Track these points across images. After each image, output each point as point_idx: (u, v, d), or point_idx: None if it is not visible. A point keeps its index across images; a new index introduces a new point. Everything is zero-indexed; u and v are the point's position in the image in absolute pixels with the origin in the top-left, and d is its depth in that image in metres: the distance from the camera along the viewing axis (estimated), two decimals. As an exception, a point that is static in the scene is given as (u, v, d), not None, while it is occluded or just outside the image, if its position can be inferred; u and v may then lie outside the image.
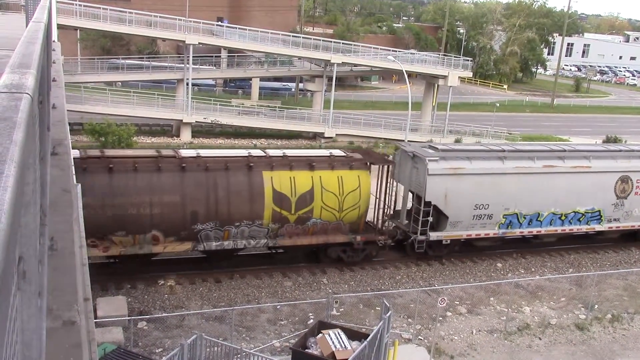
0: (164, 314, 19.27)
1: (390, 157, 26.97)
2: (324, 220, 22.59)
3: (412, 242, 24.81)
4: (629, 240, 29.38)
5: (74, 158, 20.80)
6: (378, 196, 24.60)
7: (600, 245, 28.84)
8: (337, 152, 24.39)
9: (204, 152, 22.48)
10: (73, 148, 16.02)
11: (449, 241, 25.10)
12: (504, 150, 26.08)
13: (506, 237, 26.28)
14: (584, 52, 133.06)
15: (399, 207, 26.61)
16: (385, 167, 24.50)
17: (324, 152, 24.67)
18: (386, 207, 25.02)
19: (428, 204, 23.89)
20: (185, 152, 22.17)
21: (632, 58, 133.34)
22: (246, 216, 21.48)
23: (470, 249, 26.41)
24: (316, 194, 22.20)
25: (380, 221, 24.81)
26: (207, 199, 20.98)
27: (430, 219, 24.11)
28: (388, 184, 24.59)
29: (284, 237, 22.41)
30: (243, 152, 23.05)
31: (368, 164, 23.73)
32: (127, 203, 19.93)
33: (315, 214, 22.37)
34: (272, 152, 23.33)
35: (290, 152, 23.71)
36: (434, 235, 24.51)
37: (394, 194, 25.68)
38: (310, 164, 22.38)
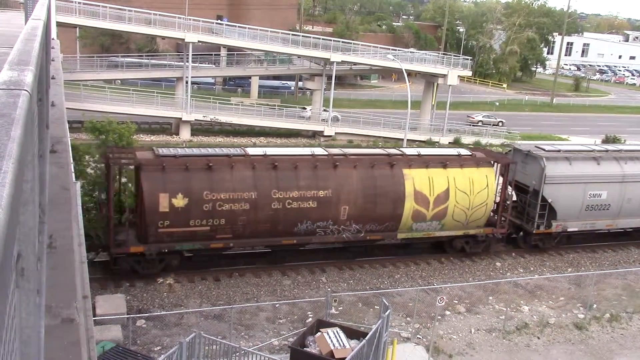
0: (162, 312, 19.27)
1: None
2: None
3: None
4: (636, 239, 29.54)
5: None
6: None
7: (599, 244, 28.87)
8: None
9: None
10: None
11: None
12: None
13: None
14: (583, 51, 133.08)
15: None
16: None
17: None
18: None
19: None
20: None
21: (632, 57, 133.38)
22: None
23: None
24: None
25: None
26: None
27: None
28: None
29: None
30: None
31: None
32: None
33: None
34: None
35: None
36: None
37: None
38: None
